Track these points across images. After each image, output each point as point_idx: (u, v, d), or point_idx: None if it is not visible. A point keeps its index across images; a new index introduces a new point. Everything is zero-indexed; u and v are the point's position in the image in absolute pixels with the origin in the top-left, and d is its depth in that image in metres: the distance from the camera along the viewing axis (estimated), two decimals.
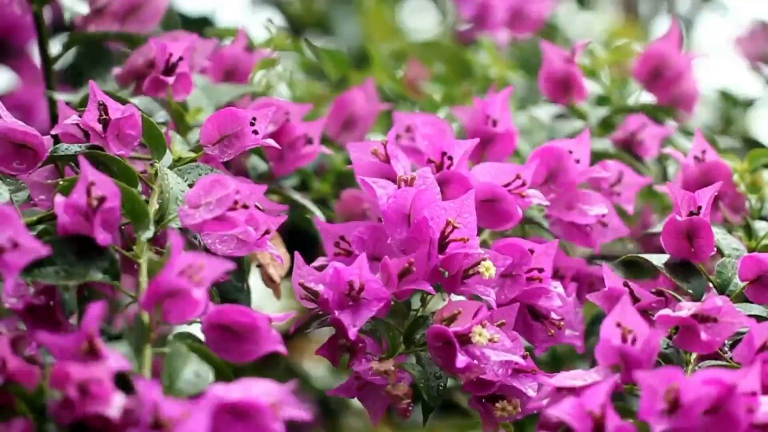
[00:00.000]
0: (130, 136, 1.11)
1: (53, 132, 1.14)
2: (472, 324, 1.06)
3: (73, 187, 1.00)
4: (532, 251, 1.13)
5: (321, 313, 1.11)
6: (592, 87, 1.52)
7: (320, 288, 1.09)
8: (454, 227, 1.09)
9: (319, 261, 1.16)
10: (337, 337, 1.10)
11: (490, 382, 1.08)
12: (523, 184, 1.18)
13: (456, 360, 1.05)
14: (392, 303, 1.09)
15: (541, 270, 1.13)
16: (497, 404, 1.08)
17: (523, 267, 1.13)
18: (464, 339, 1.06)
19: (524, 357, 1.08)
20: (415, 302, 1.14)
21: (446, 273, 1.10)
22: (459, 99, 1.59)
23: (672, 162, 1.48)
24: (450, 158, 1.18)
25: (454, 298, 1.10)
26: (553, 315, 1.15)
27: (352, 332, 1.06)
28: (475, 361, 1.06)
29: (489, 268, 1.09)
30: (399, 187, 1.12)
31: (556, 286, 1.15)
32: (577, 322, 1.19)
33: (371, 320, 1.07)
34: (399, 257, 1.09)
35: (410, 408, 1.09)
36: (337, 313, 1.07)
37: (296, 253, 1.13)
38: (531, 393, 1.07)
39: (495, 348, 1.06)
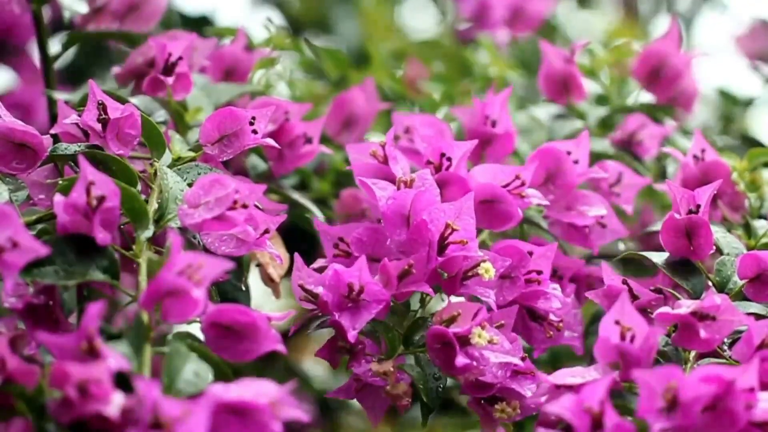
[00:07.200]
0: (129, 136, 1.11)
1: (53, 131, 1.14)
2: (471, 325, 1.05)
3: (73, 187, 0.99)
4: (531, 253, 1.13)
5: (320, 314, 1.11)
6: (591, 87, 1.52)
7: (319, 290, 1.09)
8: (454, 229, 1.08)
9: (319, 263, 1.15)
10: (337, 338, 1.09)
11: (489, 383, 1.08)
12: (523, 185, 1.18)
13: (455, 361, 1.04)
14: (391, 304, 1.09)
15: (539, 272, 1.13)
16: (496, 406, 1.08)
17: (521, 269, 1.13)
18: (464, 340, 1.06)
19: (523, 359, 1.08)
20: (414, 303, 1.13)
21: (445, 275, 1.10)
22: (459, 98, 1.58)
23: (671, 161, 1.48)
24: (449, 159, 1.17)
25: (454, 299, 1.10)
26: (552, 316, 1.15)
27: (352, 335, 1.05)
28: (475, 363, 1.05)
29: (488, 270, 1.08)
30: (398, 188, 1.12)
31: (555, 288, 1.15)
32: (576, 323, 1.19)
33: (370, 321, 1.07)
34: (398, 259, 1.09)
35: (409, 405, 1.09)
36: (336, 315, 1.06)
37: (296, 255, 1.12)
38: (530, 395, 1.07)
39: (494, 349, 1.06)
